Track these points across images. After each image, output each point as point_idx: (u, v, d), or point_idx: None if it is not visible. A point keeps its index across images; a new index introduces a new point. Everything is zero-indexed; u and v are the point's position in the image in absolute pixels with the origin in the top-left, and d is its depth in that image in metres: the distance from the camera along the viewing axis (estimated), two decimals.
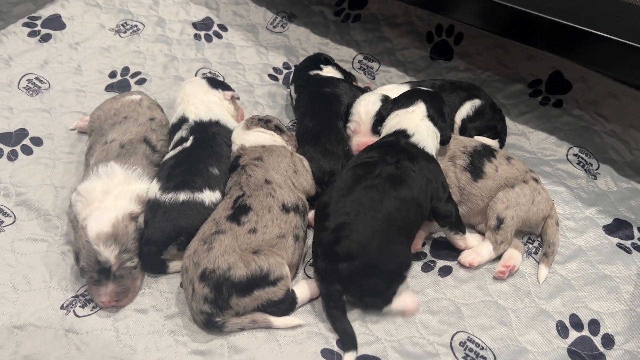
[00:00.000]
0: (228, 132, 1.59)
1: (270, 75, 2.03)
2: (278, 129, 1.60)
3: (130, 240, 1.32)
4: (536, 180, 1.51)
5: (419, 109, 1.49)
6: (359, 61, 2.10)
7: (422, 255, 1.49)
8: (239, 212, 1.34)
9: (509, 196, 1.45)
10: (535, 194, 1.47)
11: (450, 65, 2.06)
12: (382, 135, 1.50)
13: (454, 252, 1.49)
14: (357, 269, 1.28)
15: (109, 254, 1.28)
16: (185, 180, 1.41)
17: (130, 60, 2.04)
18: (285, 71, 2.04)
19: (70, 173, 1.66)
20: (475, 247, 1.46)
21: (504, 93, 1.96)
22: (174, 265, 1.41)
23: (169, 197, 1.38)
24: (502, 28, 1.65)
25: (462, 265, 1.45)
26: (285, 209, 1.38)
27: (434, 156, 1.44)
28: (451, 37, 2.10)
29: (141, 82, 1.97)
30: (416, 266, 1.46)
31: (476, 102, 1.72)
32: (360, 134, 1.61)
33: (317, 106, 1.70)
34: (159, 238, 1.35)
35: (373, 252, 1.27)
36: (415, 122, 1.46)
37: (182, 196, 1.39)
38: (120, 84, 1.95)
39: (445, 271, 1.45)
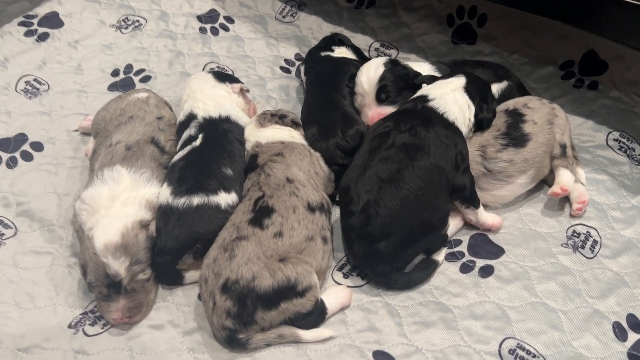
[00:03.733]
0: (240, 128, 1.48)
1: (282, 68, 1.90)
2: (295, 124, 1.48)
3: (141, 251, 1.20)
4: (549, 101, 1.53)
5: (458, 81, 1.44)
6: (376, 49, 1.97)
7: (459, 255, 1.36)
8: (261, 214, 1.22)
9: (556, 126, 1.46)
10: (560, 110, 1.51)
11: (474, 50, 1.93)
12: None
13: (494, 249, 1.37)
14: (397, 244, 1.24)
15: (118, 266, 1.17)
16: (198, 182, 1.29)
17: (133, 57, 1.92)
18: (297, 63, 1.92)
19: (74, 179, 1.54)
20: (557, 179, 1.43)
21: (533, 77, 1.82)
22: (191, 275, 1.29)
23: (181, 201, 1.26)
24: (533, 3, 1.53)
25: (551, 197, 1.42)
26: (311, 208, 1.26)
27: (457, 125, 1.37)
28: (474, 19, 1.97)
29: (146, 79, 1.85)
30: (454, 267, 1.34)
31: (503, 85, 1.60)
32: (366, 106, 1.50)
33: (318, 85, 1.60)
34: (173, 246, 1.24)
35: (407, 222, 1.24)
36: (445, 90, 1.42)
37: (196, 200, 1.27)
38: (123, 82, 1.84)
39: (486, 271, 1.33)
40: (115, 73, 1.87)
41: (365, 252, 1.26)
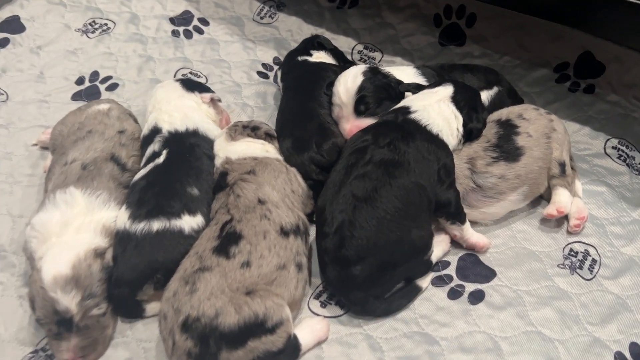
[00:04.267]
0: (209, 142, 1.36)
1: (259, 73, 1.79)
2: (269, 137, 1.36)
3: (95, 283, 1.09)
4: (547, 112, 1.40)
5: (444, 91, 1.35)
6: (359, 51, 1.86)
7: (447, 279, 1.25)
8: (227, 241, 1.11)
9: (554, 141, 1.34)
10: (559, 123, 1.39)
11: (463, 52, 1.82)
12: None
13: (485, 271, 1.26)
14: (374, 268, 1.13)
15: (69, 301, 1.05)
16: (159, 204, 1.18)
17: (99, 64, 1.79)
18: (276, 67, 1.80)
19: (30, 199, 1.42)
20: (553, 198, 1.32)
21: (526, 80, 1.71)
22: (153, 307, 1.17)
23: (140, 226, 1.15)
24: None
25: (546, 218, 1.33)
26: (284, 232, 1.15)
27: (441, 138, 1.27)
28: (462, 19, 1.86)
29: (113, 87, 1.73)
30: (441, 293, 1.23)
31: (492, 92, 1.50)
32: (344, 118, 1.39)
33: (294, 93, 1.49)
34: (131, 277, 1.12)
35: (385, 245, 1.13)
36: (429, 101, 1.32)
37: (157, 225, 1.15)
38: (88, 91, 1.71)
39: (476, 297, 1.22)
40: (80, 81, 1.74)
41: (340, 277, 1.15)
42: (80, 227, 1.14)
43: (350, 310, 1.19)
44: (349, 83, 1.37)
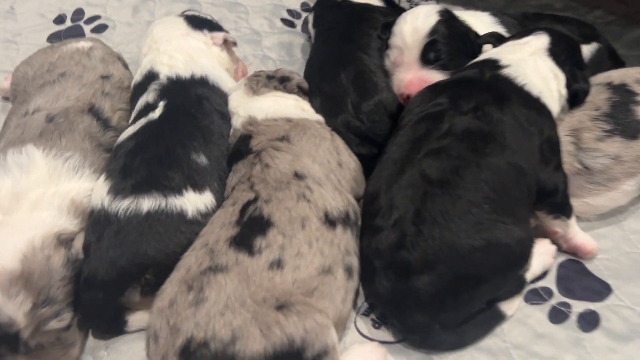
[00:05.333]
0: (222, 96, 1.03)
1: (283, 20, 1.44)
2: (302, 91, 1.02)
3: (55, 283, 0.75)
4: None
5: (538, 41, 1.01)
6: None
7: (545, 293, 0.91)
8: (250, 230, 0.77)
9: None
10: None
11: (540, 3, 1.47)
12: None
13: (596, 285, 0.92)
14: (446, 282, 0.78)
15: (13, 309, 0.71)
16: (151, 175, 0.84)
17: (85, 0, 1.44)
18: (304, 14, 1.45)
19: None
20: None
21: (622, 41, 1.36)
22: (138, 318, 0.84)
23: (124, 204, 0.81)
24: None
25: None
26: (330, 221, 0.81)
27: (542, 102, 0.94)
28: None
29: (100, 29, 1.39)
30: (539, 313, 0.89)
31: (593, 47, 1.16)
32: (404, 66, 1.04)
33: (327, 37, 1.15)
34: (108, 276, 0.78)
35: (466, 249, 0.78)
36: (521, 54, 0.98)
37: (147, 203, 0.81)
38: (69, 32, 1.38)
39: (588, 321, 0.88)
40: (59, 20, 1.41)
41: (394, 290, 0.81)
42: (38, 201, 0.80)
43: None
44: (419, 21, 1.03)
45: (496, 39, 1.07)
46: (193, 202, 0.84)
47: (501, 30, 1.14)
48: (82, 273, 0.79)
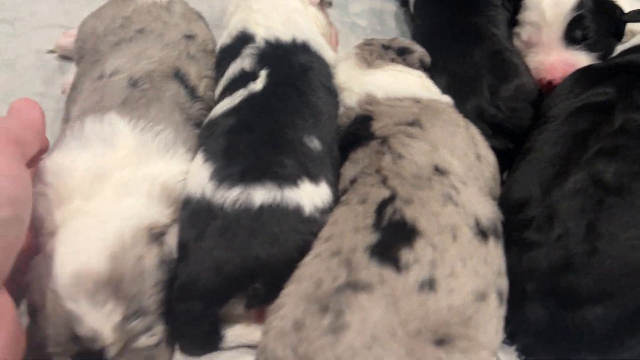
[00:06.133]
0: (325, 66, 0.86)
1: None
2: (423, 67, 0.86)
3: (148, 290, 0.60)
4: None
5: None
6: None
7: None
8: (393, 237, 0.61)
9: None
10: None
11: None
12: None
13: None
14: (627, 313, 0.63)
15: (100, 321, 0.56)
16: (262, 160, 0.68)
17: None
18: None
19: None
20: None
21: None
22: (237, 333, 0.68)
23: (232, 195, 0.65)
24: None
25: None
26: (482, 231, 0.65)
27: None
28: None
29: None
30: None
31: None
32: (543, 46, 0.88)
33: (440, 5, 0.98)
34: (211, 284, 0.63)
35: None
36: None
37: (261, 195, 0.65)
38: None
39: None
40: None
41: (554, 322, 0.65)
42: (124, 185, 0.64)
43: None
44: None
45: None
46: (310, 195, 0.68)
47: None
48: (177, 278, 0.63)
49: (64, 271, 0.57)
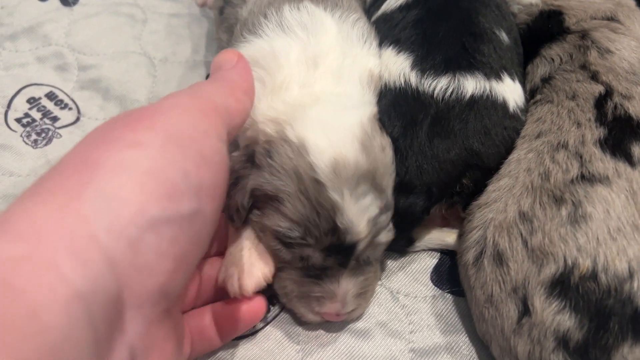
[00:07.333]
0: None
1: None
2: None
3: (391, 183, 0.58)
4: None
5: None
6: None
7: None
8: (622, 132, 0.59)
9: None
10: None
11: None
12: None
13: None
14: None
15: (359, 215, 0.54)
16: (465, 49, 0.64)
17: None
18: None
19: (178, 35, 0.88)
20: None
21: None
22: (429, 238, 0.67)
23: (441, 84, 0.62)
24: None
25: None
26: None
27: None
28: None
29: None
30: None
31: None
32: None
33: None
34: (433, 178, 0.61)
35: None
36: None
37: (471, 84, 0.62)
38: None
39: None
40: None
41: None
42: (340, 71, 0.60)
43: None
44: None
45: None
46: (511, 90, 0.65)
47: None
48: (398, 173, 0.60)
49: (325, 161, 0.52)
